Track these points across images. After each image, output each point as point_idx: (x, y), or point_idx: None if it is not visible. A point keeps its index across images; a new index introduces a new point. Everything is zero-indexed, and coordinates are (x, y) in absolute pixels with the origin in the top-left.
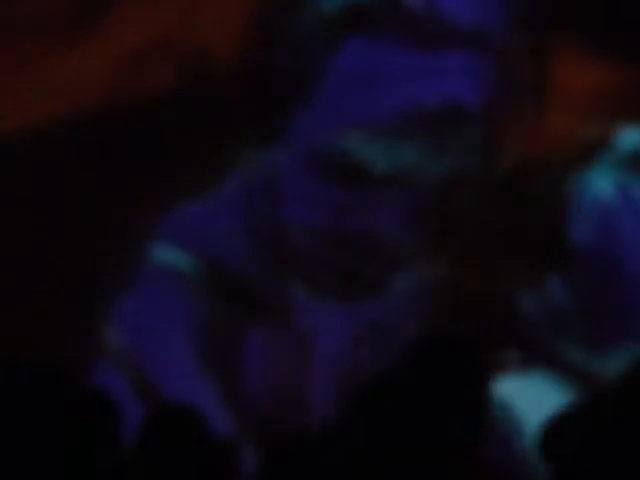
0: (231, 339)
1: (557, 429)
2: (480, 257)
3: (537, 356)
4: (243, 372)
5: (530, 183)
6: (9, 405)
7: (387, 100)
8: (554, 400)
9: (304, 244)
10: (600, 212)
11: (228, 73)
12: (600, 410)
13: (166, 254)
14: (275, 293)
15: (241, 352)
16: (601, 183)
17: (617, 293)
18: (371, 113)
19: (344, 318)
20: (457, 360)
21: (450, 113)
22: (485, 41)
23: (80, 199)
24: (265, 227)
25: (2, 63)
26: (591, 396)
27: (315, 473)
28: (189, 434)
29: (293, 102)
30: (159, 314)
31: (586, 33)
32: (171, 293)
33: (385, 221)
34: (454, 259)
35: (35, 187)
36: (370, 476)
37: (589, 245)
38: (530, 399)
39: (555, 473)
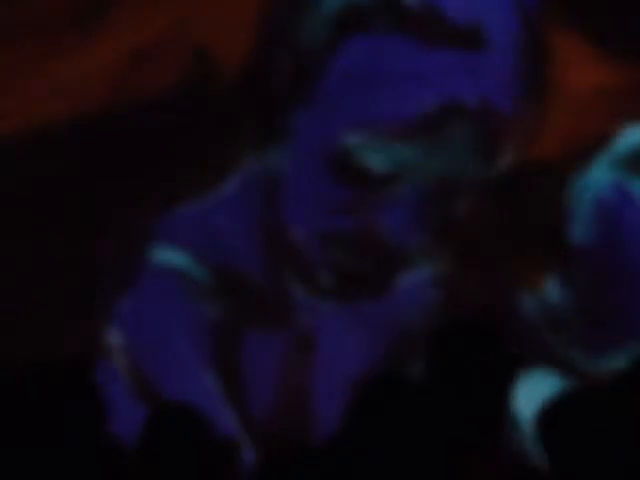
0: (231, 339)
1: (554, 414)
2: (480, 257)
3: (537, 356)
4: (244, 372)
5: (530, 183)
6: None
7: (387, 100)
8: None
9: (304, 244)
10: (600, 212)
11: (228, 73)
12: (595, 398)
13: (166, 254)
14: (275, 293)
15: (242, 352)
16: (601, 183)
17: (617, 293)
18: (371, 113)
19: (344, 318)
20: (481, 356)
21: (450, 113)
22: (485, 40)
23: (80, 199)
24: (265, 227)
25: (2, 63)
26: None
27: (317, 475)
28: (191, 434)
29: (293, 102)
30: (159, 314)
31: (587, 32)
32: (171, 293)
33: (385, 221)
34: (454, 259)
35: (35, 187)
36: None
37: (589, 245)
38: (530, 399)
39: (551, 459)
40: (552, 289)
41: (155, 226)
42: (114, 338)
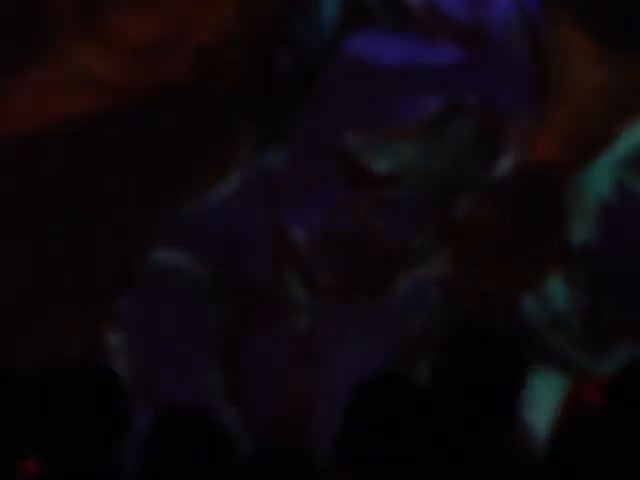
0: (232, 339)
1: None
2: (480, 257)
3: (538, 356)
4: (244, 372)
5: (530, 183)
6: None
7: (387, 100)
8: (554, 400)
9: (304, 244)
10: (601, 212)
11: (229, 73)
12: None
13: (166, 254)
14: (275, 293)
15: (242, 352)
16: (602, 183)
17: (617, 293)
18: (372, 113)
19: (344, 318)
20: (483, 356)
21: (451, 113)
22: (487, 39)
23: (80, 199)
24: (265, 227)
25: (1, 65)
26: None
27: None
28: (196, 434)
29: (294, 102)
30: (160, 314)
31: (589, 31)
32: (171, 293)
33: (385, 221)
34: (454, 259)
35: (35, 187)
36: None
37: (589, 245)
38: (530, 399)
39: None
40: (553, 289)
41: (155, 226)
42: (114, 339)
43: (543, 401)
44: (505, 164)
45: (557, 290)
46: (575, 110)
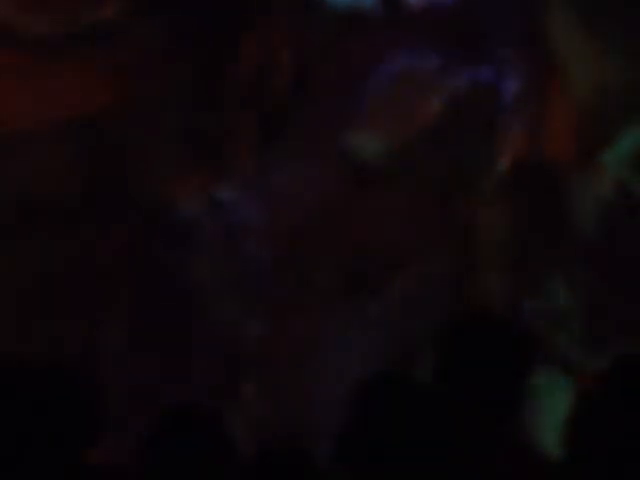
0: (233, 338)
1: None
2: (481, 257)
3: (538, 356)
4: (245, 372)
5: (530, 183)
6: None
7: (388, 98)
8: (554, 399)
9: (304, 244)
10: (601, 212)
11: (229, 72)
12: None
13: (167, 254)
14: (276, 293)
15: (243, 352)
16: (602, 183)
17: (618, 293)
18: (372, 111)
19: (345, 318)
20: (484, 355)
21: (451, 111)
22: (486, 40)
23: (80, 199)
24: (265, 227)
25: (3, 64)
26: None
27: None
28: (196, 434)
29: (294, 102)
30: (160, 315)
31: (589, 31)
32: (172, 294)
33: (385, 221)
34: (454, 259)
35: (35, 187)
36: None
37: (590, 245)
38: (531, 398)
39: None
40: (553, 289)
41: (156, 226)
42: (115, 339)
43: (544, 401)
44: (506, 163)
45: (557, 289)
46: (575, 110)
